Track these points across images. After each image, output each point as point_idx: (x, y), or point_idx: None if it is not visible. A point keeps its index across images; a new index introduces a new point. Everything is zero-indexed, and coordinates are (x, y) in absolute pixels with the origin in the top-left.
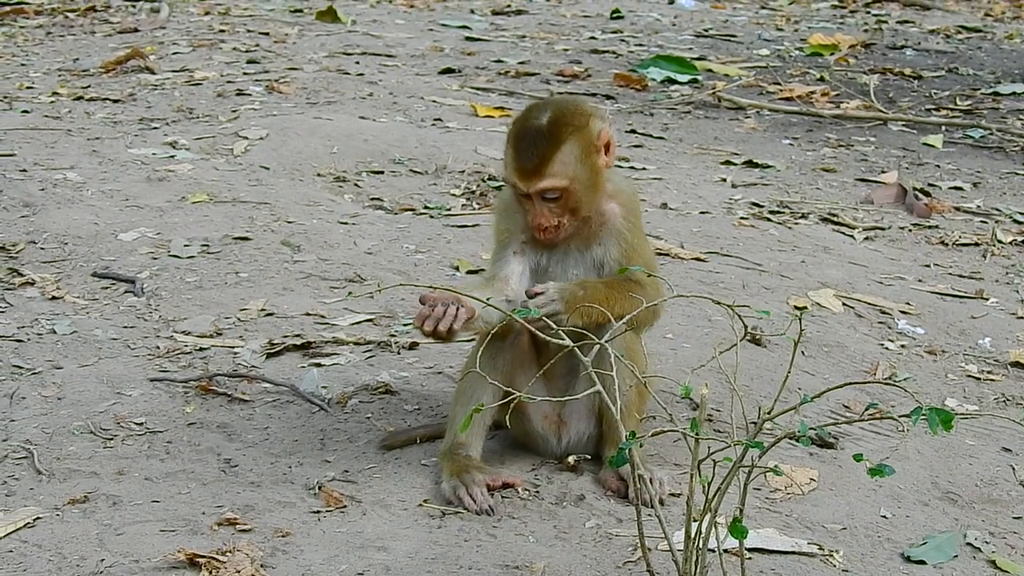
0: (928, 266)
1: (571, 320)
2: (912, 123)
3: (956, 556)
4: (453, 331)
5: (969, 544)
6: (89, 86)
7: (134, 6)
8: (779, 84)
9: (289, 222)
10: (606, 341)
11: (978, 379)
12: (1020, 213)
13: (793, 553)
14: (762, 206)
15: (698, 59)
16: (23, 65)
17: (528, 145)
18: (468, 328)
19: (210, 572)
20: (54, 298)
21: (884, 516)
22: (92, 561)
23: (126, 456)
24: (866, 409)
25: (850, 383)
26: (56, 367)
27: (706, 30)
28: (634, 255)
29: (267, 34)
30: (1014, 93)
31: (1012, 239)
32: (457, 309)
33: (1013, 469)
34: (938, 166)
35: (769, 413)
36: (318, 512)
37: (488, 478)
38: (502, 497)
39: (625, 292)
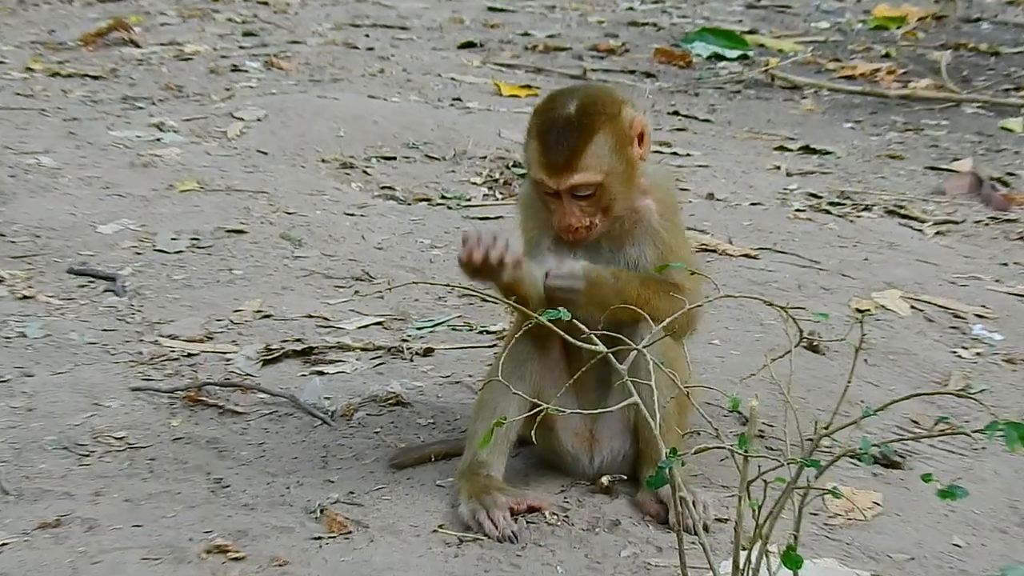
0: (1006, 264)
1: (589, 308)
2: (989, 104)
3: None
4: (504, 265)
5: None
6: (66, 61)
7: None
8: (839, 61)
9: (289, 213)
10: (644, 346)
11: None
12: None
13: None
14: (820, 197)
15: (749, 32)
16: None
17: (556, 137)
18: (516, 274)
19: None
20: (25, 297)
21: (957, 545)
22: None
23: (104, 475)
24: (936, 424)
25: (918, 394)
26: (27, 375)
27: (758, 0)
28: (672, 257)
29: (266, 3)
30: None
31: None
32: (507, 241)
33: None
34: (1017, 152)
35: (827, 428)
36: (320, 539)
37: (512, 501)
38: (527, 522)
39: (662, 292)
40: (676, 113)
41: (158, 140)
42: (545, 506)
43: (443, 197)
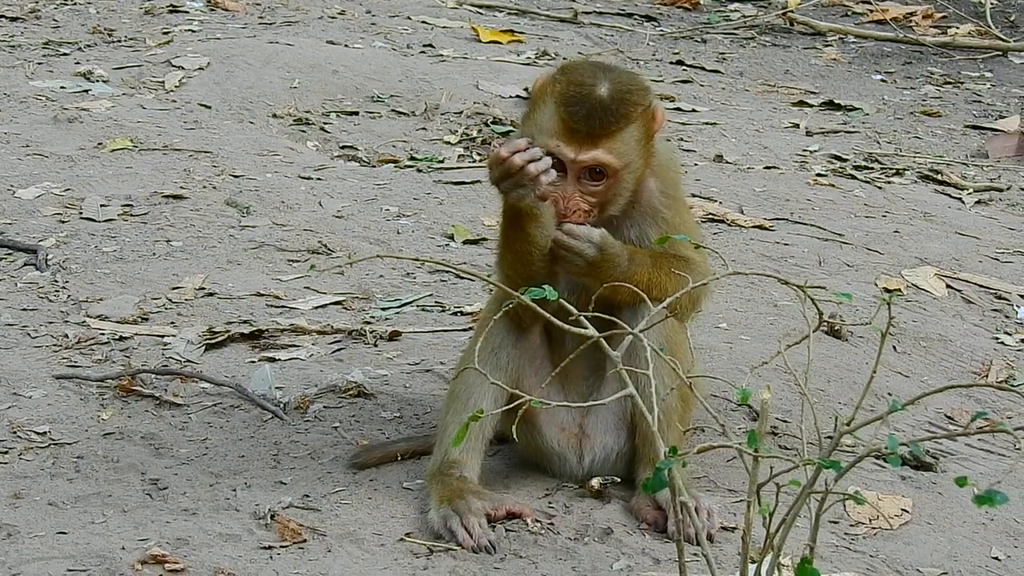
0: None
1: (587, 280)
2: None
3: None
4: (539, 181)
5: None
6: None
7: None
8: (869, 3)
9: (236, 176)
10: (641, 330)
11: None
12: None
13: None
14: (845, 160)
15: None
16: None
17: (588, 109)
18: (539, 205)
19: None
20: None
21: (995, 558)
22: None
23: (24, 475)
24: (973, 420)
25: (954, 386)
26: None
27: None
28: None
29: None
30: None
31: None
32: (548, 162)
33: None
34: None
35: (849, 424)
36: (270, 548)
37: (489, 506)
38: (506, 531)
39: (675, 278)
40: (680, 63)
41: (85, 92)
42: (527, 512)
43: (412, 158)
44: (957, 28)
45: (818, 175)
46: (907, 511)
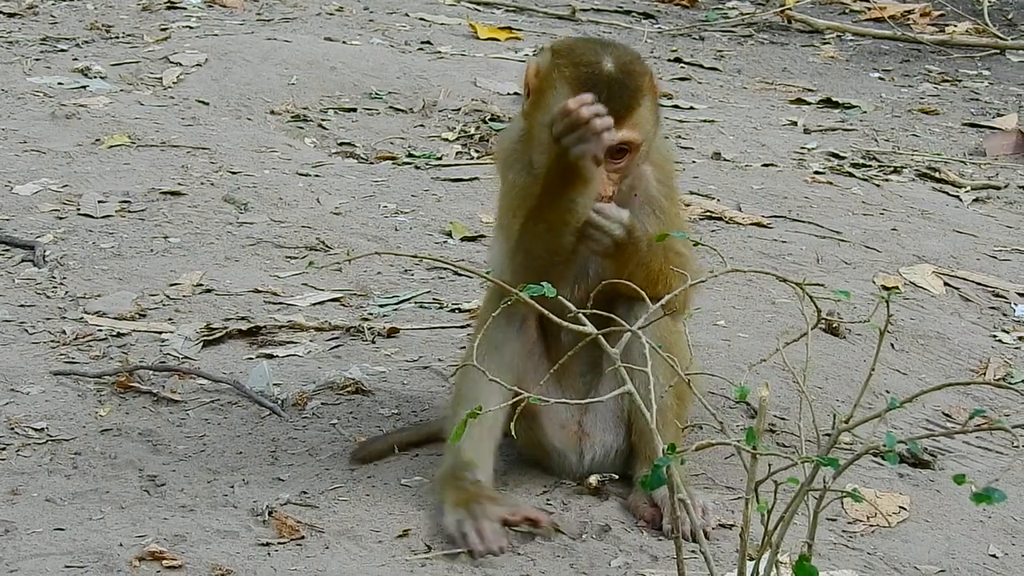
0: None
1: (607, 262)
2: None
3: None
4: (603, 140)
5: None
6: None
7: None
8: (867, 1)
9: (233, 173)
10: (639, 327)
11: None
12: None
13: None
14: (843, 157)
15: None
16: None
17: (608, 89)
18: (595, 168)
19: None
20: None
21: (993, 555)
22: None
23: (22, 471)
24: (971, 417)
25: (952, 384)
26: None
27: None
28: (671, 227)
29: None
30: None
31: None
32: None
33: None
34: None
35: (847, 422)
36: (267, 545)
37: (506, 512)
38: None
39: (677, 272)
40: (678, 60)
41: (83, 88)
42: (544, 519)
43: (410, 155)
44: (955, 26)
45: (816, 173)
46: (905, 509)
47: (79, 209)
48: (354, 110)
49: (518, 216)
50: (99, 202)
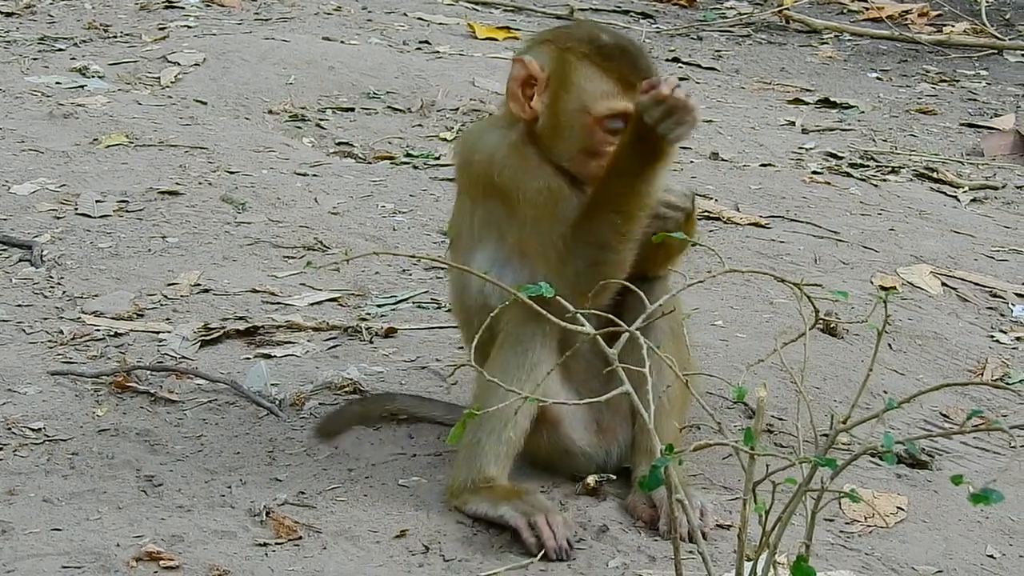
0: None
1: (666, 240)
2: None
3: None
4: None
5: None
6: None
7: None
8: (864, 1)
9: (231, 173)
10: (639, 326)
11: None
12: None
13: None
14: (840, 157)
15: None
16: None
17: (636, 59)
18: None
19: None
20: None
21: (991, 556)
22: None
23: (19, 471)
24: (968, 418)
25: (949, 384)
26: None
27: None
28: None
29: None
30: None
31: None
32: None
33: None
34: None
35: (845, 422)
36: (265, 545)
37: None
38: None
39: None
40: (676, 60)
41: (81, 87)
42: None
43: (408, 155)
44: (952, 26)
45: (814, 173)
46: (903, 509)
47: (77, 209)
48: (352, 110)
49: (558, 221)
50: (97, 202)
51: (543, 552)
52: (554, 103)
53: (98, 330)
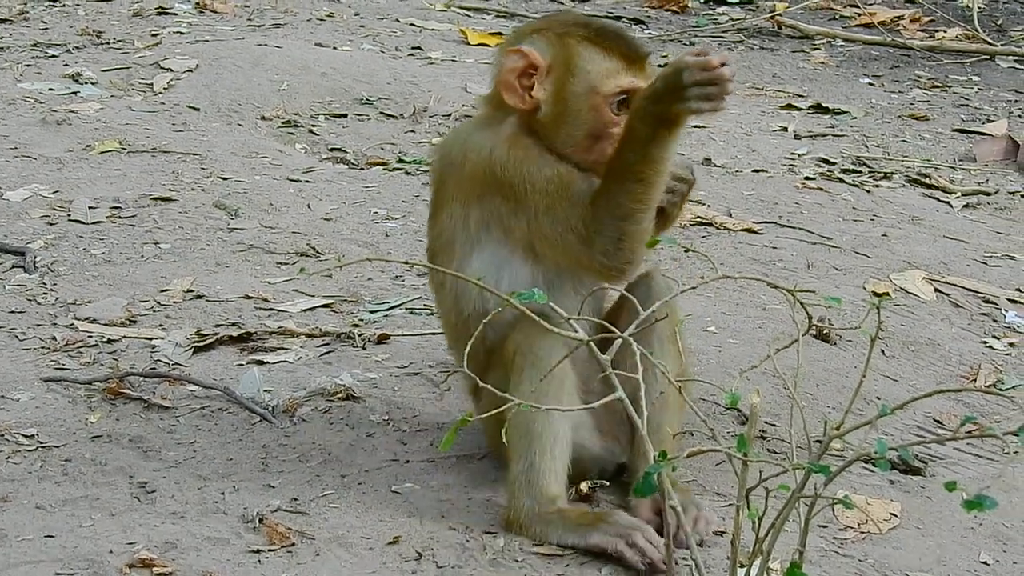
0: None
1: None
2: None
3: None
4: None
5: None
6: None
7: None
8: (857, 6)
9: (224, 179)
10: (632, 332)
11: None
12: None
13: None
14: (833, 163)
15: None
16: None
17: (631, 38)
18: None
19: None
20: None
21: (984, 562)
22: None
23: (12, 478)
24: (962, 424)
25: (943, 391)
26: None
27: None
28: None
29: None
30: None
31: None
32: None
33: None
34: None
35: (838, 429)
36: (258, 552)
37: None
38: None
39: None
40: None
41: (74, 94)
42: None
43: (400, 161)
44: (945, 32)
45: (806, 178)
46: (896, 515)
47: (70, 215)
48: (344, 116)
49: (574, 205)
50: (90, 208)
51: (651, 568)
52: (559, 89)
53: (91, 336)
